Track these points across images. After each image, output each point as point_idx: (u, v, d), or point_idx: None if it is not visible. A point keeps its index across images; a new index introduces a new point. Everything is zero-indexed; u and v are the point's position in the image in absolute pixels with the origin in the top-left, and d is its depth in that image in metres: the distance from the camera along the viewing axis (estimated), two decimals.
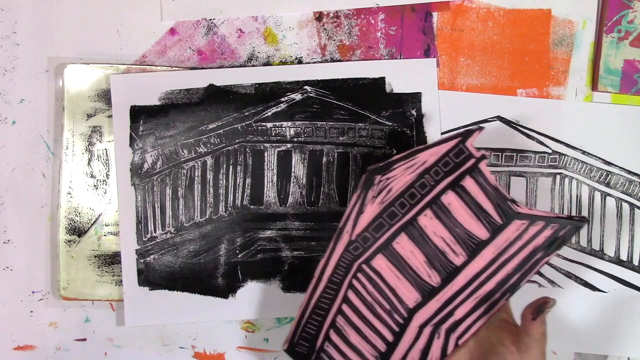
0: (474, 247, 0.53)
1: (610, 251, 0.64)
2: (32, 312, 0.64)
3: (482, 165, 0.53)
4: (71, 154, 0.63)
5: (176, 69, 0.64)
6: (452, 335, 0.53)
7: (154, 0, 0.64)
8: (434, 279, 0.53)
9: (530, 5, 0.64)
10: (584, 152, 0.63)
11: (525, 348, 0.49)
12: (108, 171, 0.64)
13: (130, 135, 0.63)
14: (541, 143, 0.64)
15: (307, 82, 0.63)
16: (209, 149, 0.63)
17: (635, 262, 0.63)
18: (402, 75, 0.63)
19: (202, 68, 0.64)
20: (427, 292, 0.53)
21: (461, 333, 0.53)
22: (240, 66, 0.64)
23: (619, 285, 0.63)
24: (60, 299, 0.63)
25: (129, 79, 0.63)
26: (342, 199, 0.63)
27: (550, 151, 0.64)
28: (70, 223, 0.63)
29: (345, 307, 0.54)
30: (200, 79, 0.63)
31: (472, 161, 0.52)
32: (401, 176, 0.53)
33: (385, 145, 0.63)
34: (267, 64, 0.64)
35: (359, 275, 0.54)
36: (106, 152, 0.64)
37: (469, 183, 0.53)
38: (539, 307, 0.49)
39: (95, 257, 0.63)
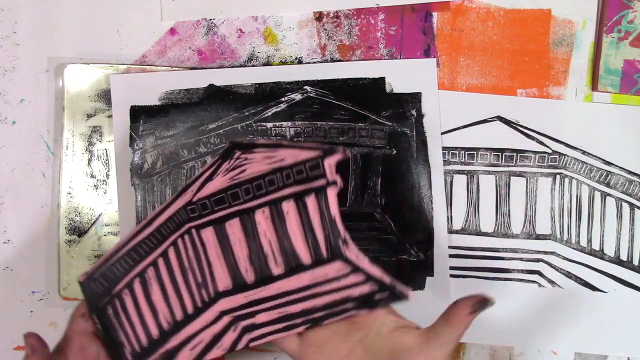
0: (293, 266, 0.50)
1: (610, 251, 0.64)
2: (32, 312, 0.64)
3: (330, 191, 0.48)
4: (71, 154, 0.63)
5: (176, 69, 0.64)
6: (246, 335, 0.51)
7: (154, 0, 0.64)
8: (249, 275, 0.51)
9: (530, 5, 0.64)
10: (584, 152, 0.63)
11: (441, 343, 0.46)
12: (108, 171, 0.64)
13: (130, 135, 0.63)
14: (541, 143, 0.64)
15: (307, 82, 0.63)
16: (209, 149, 0.63)
17: (635, 262, 0.63)
18: (402, 75, 0.63)
19: (202, 68, 0.64)
20: (239, 285, 0.51)
21: (255, 337, 0.51)
22: (240, 66, 0.64)
23: (619, 285, 0.63)
24: (61, 299, 0.63)
25: (129, 79, 0.63)
26: (342, 200, 0.63)
27: (550, 151, 0.64)
28: (70, 223, 0.63)
29: (160, 262, 0.52)
30: (200, 79, 0.63)
31: (322, 181, 0.48)
32: (258, 162, 0.50)
33: (385, 145, 0.63)
34: (267, 64, 0.64)
35: (186, 237, 0.52)
36: (106, 152, 0.64)
37: (311, 202, 0.49)
38: (482, 303, 0.45)
39: (96, 257, 0.63)
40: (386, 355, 0.47)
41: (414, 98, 0.63)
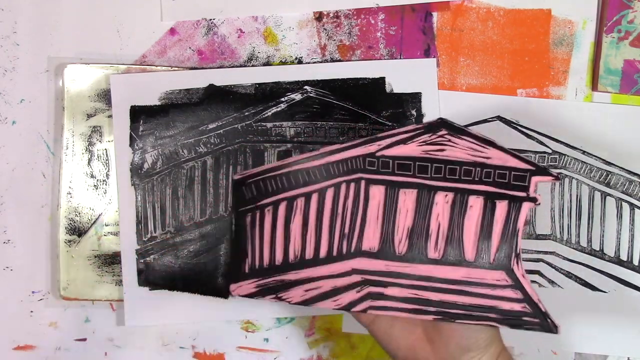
0: (453, 258, 0.50)
1: (610, 251, 0.64)
2: (32, 312, 0.64)
3: (525, 206, 0.50)
4: (71, 154, 0.63)
5: (176, 69, 0.64)
6: (368, 301, 0.51)
7: (154, 0, 0.64)
8: (401, 247, 0.51)
9: (530, 5, 0.64)
10: (584, 152, 0.63)
11: None
12: (108, 171, 0.64)
13: (130, 135, 0.63)
14: (541, 143, 0.64)
15: (307, 82, 0.63)
16: (209, 149, 0.63)
17: (635, 262, 0.63)
18: (402, 75, 0.63)
19: (202, 68, 0.64)
20: (386, 252, 0.51)
21: (377, 307, 0.50)
22: (240, 66, 0.64)
23: (619, 285, 0.63)
24: (60, 299, 0.63)
25: (129, 79, 0.63)
26: None
27: (550, 151, 0.64)
28: (70, 223, 0.63)
29: (314, 197, 0.52)
30: (200, 79, 0.63)
31: (522, 194, 0.50)
32: (461, 149, 0.50)
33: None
34: (267, 64, 0.64)
35: (352, 185, 0.51)
36: (106, 152, 0.64)
37: (501, 207, 0.50)
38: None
39: (95, 257, 0.63)
40: None
41: (414, 98, 0.63)
